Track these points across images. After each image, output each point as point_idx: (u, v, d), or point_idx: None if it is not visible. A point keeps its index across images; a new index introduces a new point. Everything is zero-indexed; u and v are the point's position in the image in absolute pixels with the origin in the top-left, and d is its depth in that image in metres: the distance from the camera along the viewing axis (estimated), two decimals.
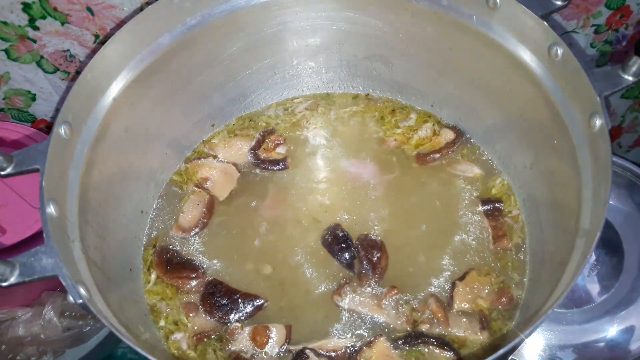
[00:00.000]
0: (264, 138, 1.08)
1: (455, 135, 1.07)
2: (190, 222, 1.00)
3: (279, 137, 1.09)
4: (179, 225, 1.00)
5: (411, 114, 1.11)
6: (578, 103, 0.79)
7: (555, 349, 0.99)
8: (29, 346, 1.08)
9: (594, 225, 0.72)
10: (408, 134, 1.08)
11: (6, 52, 1.08)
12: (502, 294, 0.90)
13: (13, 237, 1.03)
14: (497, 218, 0.97)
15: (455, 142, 1.06)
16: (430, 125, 1.09)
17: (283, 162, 1.05)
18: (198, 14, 0.92)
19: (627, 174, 1.10)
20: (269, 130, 1.09)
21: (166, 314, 0.91)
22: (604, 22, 1.20)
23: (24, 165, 0.75)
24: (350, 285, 0.91)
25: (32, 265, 0.69)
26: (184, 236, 0.99)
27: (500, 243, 0.94)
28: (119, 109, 0.88)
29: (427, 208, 1.00)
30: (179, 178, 1.06)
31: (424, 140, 1.07)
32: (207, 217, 1.00)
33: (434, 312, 0.87)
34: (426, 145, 1.07)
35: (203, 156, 1.07)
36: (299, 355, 0.85)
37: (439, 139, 1.07)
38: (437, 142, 1.07)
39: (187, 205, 1.02)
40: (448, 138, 1.07)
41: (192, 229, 0.99)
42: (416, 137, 1.07)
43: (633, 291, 1.00)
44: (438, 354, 0.85)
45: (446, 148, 1.05)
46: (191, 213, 1.01)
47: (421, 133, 1.08)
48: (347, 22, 1.02)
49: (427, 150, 1.06)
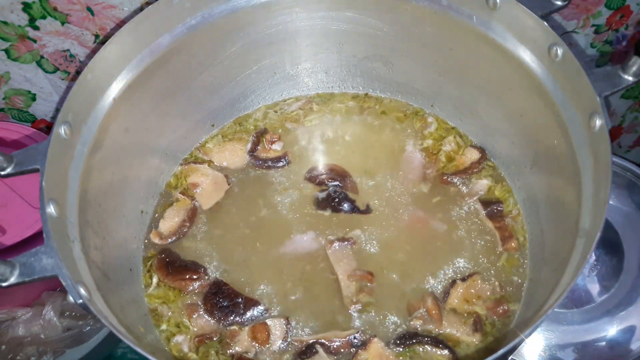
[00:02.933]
0: (258, 139, 1.07)
1: (480, 154, 1.03)
2: (170, 229, 0.99)
3: (274, 135, 1.08)
4: (158, 232, 0.99)
5: (429, 118, 1.08)
6: (578, 103, 0.79)
7: (555, 349, 0.99)
8: (29, 346, 1.08)
9: (594, 225, 0.72)
10: (436, 149, 1.04)
11: (6, 52, 1.08)
12: (499, 304, 0.89)
13: (13, 237, 1.03)
14: (499, 220, 0.96)
15: (481, 162, 1.02)
16: (452, 138, 1.06)
17: (284, 157, 1.05)
18: (198, 14, 0.92)
19: (627, 174, 1.10)
20: (262, 130, 1.09)
21: (168, 318, 0.91)
22: (604, 22, 1.20)
23: (24, 165, 0.75)
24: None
25: (32, 265, 0.69)
26: (160, 243, 0.98)
27: (508, 244, 0.93)
28: (119, 109, 0.88)
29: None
30: (174, 181, 1.05)
31: (450, 155, 1.04)
32: (187, 226, 0.99)
33: (429, 309, 0.87)
34: (450, 165, 1.03)
35: (199, 161, 1.07)
36: (308, 349, 0.85)
37: (463, 158, 1.03)
38: (461, 162, 1.03)
39: (168, 211, 1.01)
40: (473, 158, 1.03)
41: (171, 237, 0.98)
42: (443, 153, 1.04)
43: (633, 291, 1.00)
44: (433, 352, 0.85)
45: (471, 168, 1.01)
46: (172, 220, 0.99)
47: (446, 147, 1.05)
48: (347, 22, 1.02)
49: (453, 171, 1.02)
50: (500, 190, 1.00)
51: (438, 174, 1.02)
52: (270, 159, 1.06)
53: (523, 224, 0.97)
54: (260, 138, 1.08)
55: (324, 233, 0.97)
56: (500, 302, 0.89)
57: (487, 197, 1.00)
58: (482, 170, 1.02)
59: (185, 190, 1.03)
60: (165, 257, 0.96)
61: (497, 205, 0.97)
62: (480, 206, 0.98)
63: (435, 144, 1.06)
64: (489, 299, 0.90)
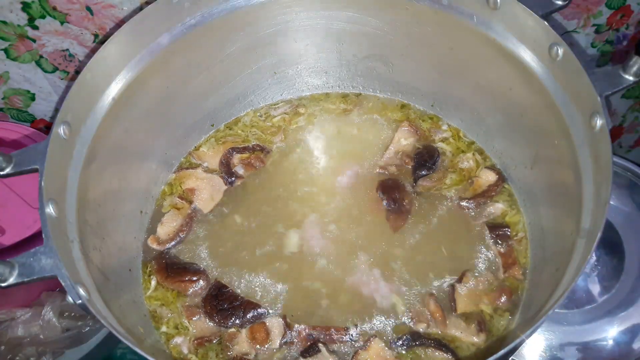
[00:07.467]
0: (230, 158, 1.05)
1: (497, 177, 0.99)
2: (168, 234, 0.98)
3: (249, 157, 1.05)
4: (156, 237, 0.98)
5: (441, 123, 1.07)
6: (579, 103, 0.79)
7: (556, 350, 0.99)
8: (28, 347, 1.08)
9: (595, 225, 0.72)
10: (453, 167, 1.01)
11: (5, 52, 1.08)
12: (501, 291, 0.89)
13: (12, 238, 1.03)
14: (504, 244, 0.93)
15: (498, 185, 0.97)
16: (471, 155, 1.03)
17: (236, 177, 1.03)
18: (197, 14, 0.92)
19: (628, 174, 1.10)
20: (244, 147, 1.07)
21: (167, 319, 0.91)
22: (604, 21, 1.20)
23: (23, 165, 0.75)
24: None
25: (31, 265, 0.69)
26: (158, 248, 0.97)
27: (511, 271, 0.91)
28: (119, 109, 0.88)
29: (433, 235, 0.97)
30: (169, 189, 1.04)
31: (469, 174, 1.01)
32: (186, 230, 0.98)
33: (433, 312, 0.87)
34: (468, 188, 0.99)
35: (192, 166, 1.06)
36: (311, 348, 0.85)
37: (480, 180, 0.99)
38: (478, 184, 0.99)
39: (166, 216, 1.00)
40: (490, 180, 0.99)
41: (169, 241, 0.97)
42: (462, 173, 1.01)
43: (634, 291, 1.00)
44: (436, 355, 0.85)
45: (489, 191, 0.97)
46: (170, 225, 0.99)
47: (463, 164, 1.01)
48: (347, 22, 1.02)
49: (471, 195, 0.98)
50: (511, 215, 0.97)
51: (456, 202, 0.98)
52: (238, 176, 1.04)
53: (527, 247, 0.94)
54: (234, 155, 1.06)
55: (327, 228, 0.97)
56: (501, 289, 0.89)
57: (494, 221, 0.97)
58: (499, 193, 0.99)
59: (183, 194, 1.03)
60: (164, 260, 0.95)
61: (505, 230, 0.94)
62: (486, 230, 0.95)
63: (452, 158, 1.03)
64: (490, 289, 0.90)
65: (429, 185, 1.00)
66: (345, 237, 0.97)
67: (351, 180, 1.04)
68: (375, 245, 0.96)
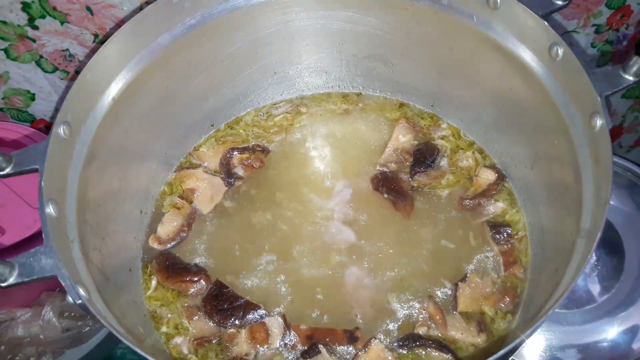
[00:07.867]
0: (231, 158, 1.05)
1: (497, 175, 0.99)
2: (168, 234, 0.98)
3: (249, 158, 1.06)
4: (156, 237, 0.98)
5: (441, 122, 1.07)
6: (579, 103, 0.79)
7: (556, 350, 0.99)
8: (28, 347, 1.08)
9: (595, 225, 0.72)
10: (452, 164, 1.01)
11: (5, 52, 1.08)
12: (504, 293, 0.89)
13: (12, 237, 1.03)
14: (505, 243, 0.93)
15: (498, 184, 0.98)
16: (471, 154, 1.03)
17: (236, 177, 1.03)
18: (197, 14, 0.92)
19: (628, 174, 1.10)
20: (244, 147, 1.07)
21: (167, 320, 0.91)
22: (604, 21, 1.20)
23: (23, 165, 0.75)
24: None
25: (31, 265, 0.69)
26: (159, 248, 0.97)
27: (512, 270, 0.91)
28: (119, 109, 0.88)
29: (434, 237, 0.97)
30: (168, 189, 1.04)
31: (469, 172, 1.01)
32: (186, 230, 0.98)
33: (432, 315, 0.87)
34: (470, 188, 0.99)
35: (192, 167, 1.06)
36: (311, 349, 0.85)
37: (479, 180, 1.00)
38: (477, 184, 0.99)
39: (167, 216, 1.00)
40: (490, 179, 0.99)
41: (170, 241, 0.97)
42: (461, 171, 1.01)
43: (634, 291, 1.00)
44: (437, 356, 0.85)
45: (489, 190, 0.97)
46: (170, 225, 0.99)
47: (463, 163, 1.02)
48: (347, 22, 1.02)
49: (472, 194, 0.98)
50: (512, 214, 0.97)
51: (456, 202, 0.98)
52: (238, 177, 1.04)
53: (528, 246, 0.94)
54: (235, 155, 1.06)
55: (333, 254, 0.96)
56: (505, 290, 0.89)
57: (495, 219, 0.97)
58: (499, 192, 0.99)
59: (183, 194, 1.03)
60: (165, 260, 0.95)
61: (506, 229, 0.94)
62: (487, 228, 0.95)
63: (452, 156, 1.04)
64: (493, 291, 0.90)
65: (425, 181, 1.01)
66: (345, 237, 0.97)
67: (351, 180, 1.04)
68: (376, 245, 0.96)
